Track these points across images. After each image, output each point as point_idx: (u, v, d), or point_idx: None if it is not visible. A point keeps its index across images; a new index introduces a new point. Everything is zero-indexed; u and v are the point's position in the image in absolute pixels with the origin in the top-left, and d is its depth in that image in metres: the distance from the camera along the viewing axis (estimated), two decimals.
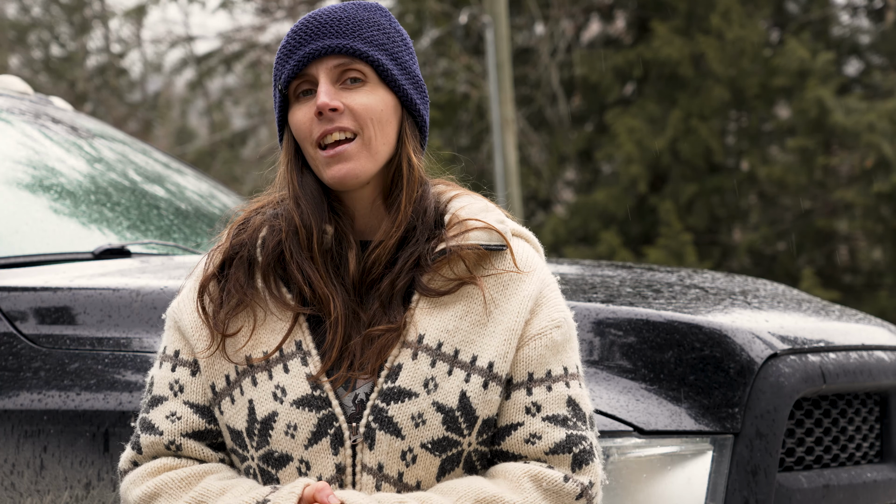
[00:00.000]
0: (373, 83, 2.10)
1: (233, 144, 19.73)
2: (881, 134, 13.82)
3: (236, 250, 2.13)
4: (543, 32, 16.75)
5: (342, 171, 2.07)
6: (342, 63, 2.09)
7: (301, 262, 2.08)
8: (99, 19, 21.27)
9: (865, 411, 2.83)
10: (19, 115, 3.78)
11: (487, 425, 2.06)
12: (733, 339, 2.58)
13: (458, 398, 2.03)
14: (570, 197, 17.42)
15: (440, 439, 2.03)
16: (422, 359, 2.04)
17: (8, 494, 2.66)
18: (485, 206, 2.15)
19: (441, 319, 2.06)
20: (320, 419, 2.04)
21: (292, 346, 2.08)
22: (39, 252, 3.19)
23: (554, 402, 2.07)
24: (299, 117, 2.10)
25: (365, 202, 2.12)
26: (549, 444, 2.05)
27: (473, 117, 16.71)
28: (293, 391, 2.05)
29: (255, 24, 19.96)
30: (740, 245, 15.22)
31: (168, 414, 2.12)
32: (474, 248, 2.07)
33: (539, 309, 2.09)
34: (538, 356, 2.07)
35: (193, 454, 2.12)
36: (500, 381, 2.05)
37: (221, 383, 2.10)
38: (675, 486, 2.49)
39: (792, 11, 16.44)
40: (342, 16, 2.11)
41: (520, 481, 2.03)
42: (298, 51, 2.09)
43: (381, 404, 2.03)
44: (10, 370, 2.73)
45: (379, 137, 2.08)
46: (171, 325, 2.17)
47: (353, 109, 2.07)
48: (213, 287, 2.13)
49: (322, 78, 2.08)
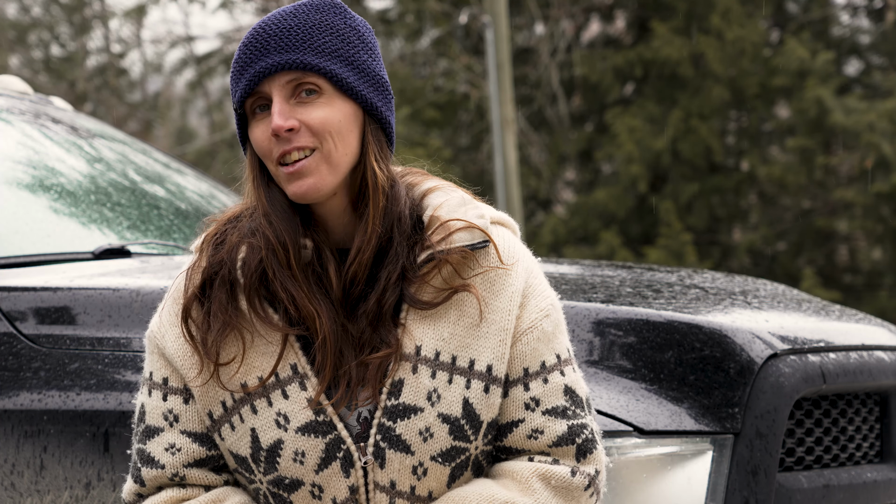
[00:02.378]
0: (329, 94, 2.02)
1: (233, 144, 19.71)
2: (881, 134, 13.82)
3: (216, 269, 2.07)
4: (543, 32, 16.75)
5: (303, 187, 2.00)
6: (294, 78, 2.00)
7: (283, 279, 2.02)
8: (99, 19, 21.27)
9: (865, 411, 2.83)
10: (19, 115, 3.78)
11: (492, 427, 2.06)
12: (733, 339, 2.58)
13: (462, 406, 2.02)
14: (570, 197, 17.42)
15: (448, 449, 2.02)
16: (422, 371, 2.02)
17: (8, 494, 2.66)
18: (461, 198, 2.10)
19: (435, 328, 2.04)
20: (328, 444, 2.01)
21: (287, 370, 2.04)
22: (39, 252, 3.19)
23: (552, 394, 2.06)
24: (258, 135, 2.03)
25: (336, 211, 2.06)
26: (552, 437, 2.05)
27: (473, 117, 16.71)
28: (296, 418, 2.02)
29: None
30: (740, 245, 15.22)
31: (167, 446, 2.08)
32: (460, 251, 2.04)
33: (527, 301, 2.07)
34: (531, 350, 2.06)
35: (198, 482, 2.09)
36: (499, 384, 2.05)
37: (219, 410, 2.06)
38: (675, 486, 2.49)
39: (792, 11, 16.45)
40: (291, 24, 2.02)
41: (529, 482, 2.03)
42: (249, 68, 2.01)
43: (387, 423, 2.01)
44: (10, 370, 2.73)
45: (339, 149, 2.01)
46: (154, 350, 2.11)
47: (309, 125, 2.00)
48: (196, 311, 2.07)
49: (275, 96, 2.00)
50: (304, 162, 2.00)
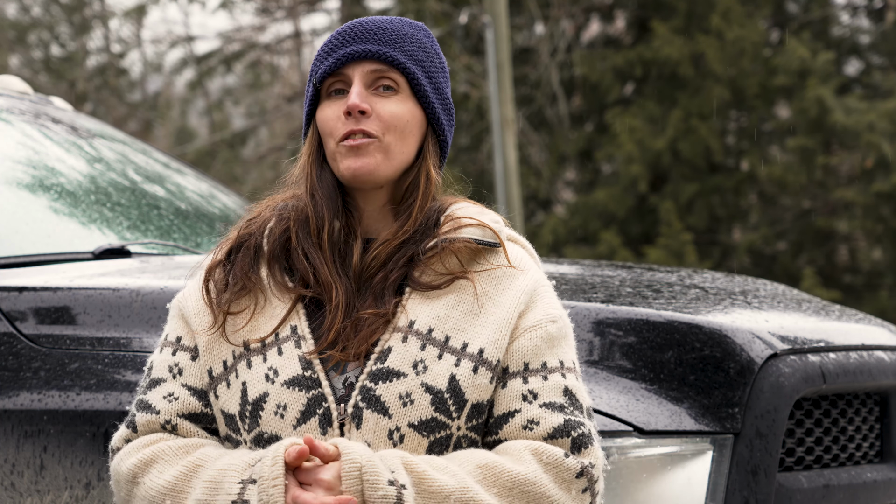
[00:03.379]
0: (404, 94, 2.16)
1: (233, 144, 19.72)
2: (881, 134, 13.82)
3: (243, 240, 2.18)
4: (543, 32, 16.75)
5: (357, 163, 2.12)
6: (378, 69, 2.15)
7: (308, 248, 2.13)
8: (99, 19, 21.27)
9: (865, 411, 2.83)
10: (19, 115, 3.78)
11: (477, 410, 2.07)
12: (733, 339, 2.58)
13: (448, 381, 2.05)
14: (570, 197, 17.42)
15: (428, 420, 2.04)
16: (412, 342, 2.07)
17: (8, 494, 2.66)
18: (480, 210, 2.20)
19: (433, 308, 2.10)
20: (310, 399, 2.06)
21: (287, 331, 2.12)
22: (39, 252, 3.19)
23: (550, 391, 2.08)
24: (328, 114, 2.15)
25: (375, 205, 2.17)
26: (548, 428, 2.06)
27: (473, 117, 16.70)
28: (285, 372, 2.08)
29: (255, 24, 19.96)
30: (740, 245, 15.22)
31: (166, 394, 2.16)
32: (465, 241, 2.11)
33: (534, 304, 2.13)
34: (533, 346, 2.10)
35: (188, 435, 2.15)
36: (490, 367, 2.07)
37: (219, 368, 2.14)
38: (675, 486, 2.49)
39: (792, 11, 16.44)
40: (388, 26, 2.17)
41: (520, 453, 2.05)
42: (338, 50, 2.15)
43: (369, 384, 2.06)
44: (10, 370, 2.73)
45: (398, 146, 2.14)
46: (175, 314, 2.21)
47: (380, 115, 2.13)
48: (219, 273, 2.17)
49: (356, 80, 2.14)
50: (365, 140, 2.12)
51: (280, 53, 19.94)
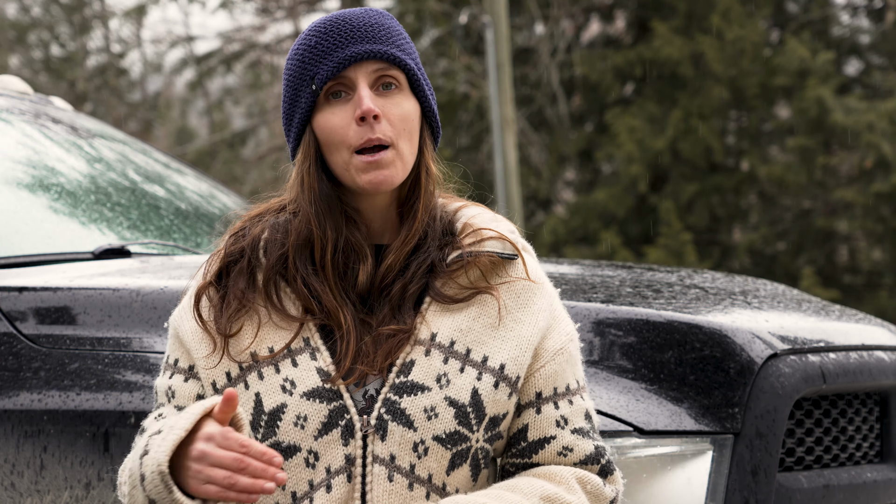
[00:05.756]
0: (404, 90, 2.11)
1: (233, 144, 19.73)
2: (881, 134, 13.83)
3: (234, 258, 2.12)
4: (543, 32, 16.75)
5: (379, 177, 2.06)
6: (380, 68, 2.09)
7: (307, 276, 2.08)
8: (99, 19, 21.28)
9: (865, 411, 2.83)
10: (19, 115, 3.78)
11: (493, 423, 2.08)
12: (733, 339, 2.58)
13: (471, 395, 2.05)
14: (570, 197, 17.43)
15: (452, 433, 2.04)
16: (434, 355, 2.06)
17: (8, 494, 2.66)
18: (493, 216, 2.18)
19: (454, 320, 2.09)
20: (331, 410, 2.04)
21: (300, 343, 2.09)
22: (39, 252, 3.19)
23: (576, 415, 2.12)
24: (335, 121, 2.08)
25: (380, 208, 2.12)
26: (581, 455, 2.10)
27: (473, 117, 16.71)
28: (303, 383, 2.06)
29: (255, 24, 19.98)
30: (740, 245, 15.22)
31: (157, 417, 2.13)
32: (489, 255, 2.10)
33: (555, 324, 2.14)
34: (561, 371, 2.12)
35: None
36: (510, 383, 2.08)
37: (222, 380, 2.10)
38: (675, 486, 2.49)
39: (792, 11, 16.45)
40: (374, 21, 2.11)
41: (570, 482, 2.07)
42: (336, 52, 2.08)
43: (393, 397, 2.04)
44: (10, 370, 2.73)
45: (409, 148, 2.10)
46: (172, 334, 2.17)
47: (390, 119, 2.07)
48: (213, 293, 2.12)
49: (361, 82, 2.08)
50: (384, 153, 2.06)
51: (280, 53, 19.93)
